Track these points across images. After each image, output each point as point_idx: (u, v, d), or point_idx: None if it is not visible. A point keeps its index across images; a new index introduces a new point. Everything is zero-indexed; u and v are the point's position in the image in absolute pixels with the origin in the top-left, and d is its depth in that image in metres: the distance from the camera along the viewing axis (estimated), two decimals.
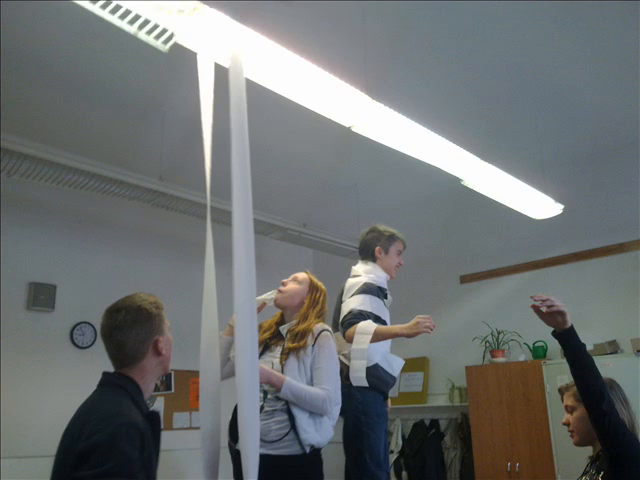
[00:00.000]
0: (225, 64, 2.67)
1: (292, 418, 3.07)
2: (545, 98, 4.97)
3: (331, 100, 3.42)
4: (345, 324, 3.59)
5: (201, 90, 2.43)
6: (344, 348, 3.61)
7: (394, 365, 3.75)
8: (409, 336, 3.41)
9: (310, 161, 2.34)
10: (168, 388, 6.20)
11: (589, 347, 5.00)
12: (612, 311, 5.56)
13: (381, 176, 6.26)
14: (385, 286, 3.89)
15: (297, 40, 3.01)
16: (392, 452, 6.64)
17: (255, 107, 2.57)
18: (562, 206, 5.27)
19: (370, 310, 3.62)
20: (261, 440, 3.00)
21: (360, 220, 6.29)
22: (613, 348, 5.40)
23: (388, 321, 3.75)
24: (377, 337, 3.47)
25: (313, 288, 3.46)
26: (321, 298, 3.44)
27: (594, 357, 2.40)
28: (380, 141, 3.90)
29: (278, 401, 3.09)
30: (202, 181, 2.42)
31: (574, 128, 5.49)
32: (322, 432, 3.15)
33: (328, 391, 3.14)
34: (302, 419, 3.07)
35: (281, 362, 3.22)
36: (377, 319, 3.61)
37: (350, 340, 3.50)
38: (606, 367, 4.64)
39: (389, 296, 3.89)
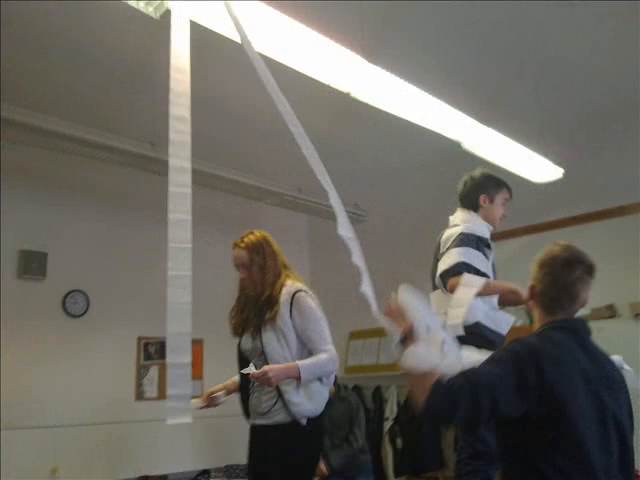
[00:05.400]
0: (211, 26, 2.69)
1: (280, 391, 3.10)
2: (545, 62, 4.88)
3: (328, 65, 3.31)
4: (449, 274, 3.37)
5: (173, 50, 2.46)
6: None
7: (500, 322, 3.45)
8: (518, 299, 3.23)
9: (306, 126, 2.28)
10: (163, 357, 6.15)
11: (587, 311, 4.94)
12: (611, 275, 5.49)
13: (378, 141, 6.17)
14: (487, 236, 3.62)
15: (293, 5, 2.91)
16: (387, 419, 6.65)
17: (250, 73, 2.50)
18: (562, 170, 5.19)
19: (470, 262, 3.38)
20: (255, 412, 3.23)
21: (356, 186, 6.23)
22: (611, 312, 5.37)
23: (490, 273, 3.51)
24: (486, 291, 3.27)
25: (253, 253, 3.28)
26: (266, 256, 3.27)
27: (592, 322, 2.31)
28: (378, 106, 3.80)
29: None
30: (195, 146, 2.39)
31: (574, 92, 5.40)
32: (316, 399, 3.16)
33: (329, 351, 3.15)
34: (290, 393, 3.08)
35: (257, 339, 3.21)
36: (478, 272, 3.37)
37: (453, 290, 3.31)
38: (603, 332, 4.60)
39: (492, 246, 3.64)
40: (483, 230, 3.61)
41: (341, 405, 5.93)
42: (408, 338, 2.00)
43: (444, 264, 3.44)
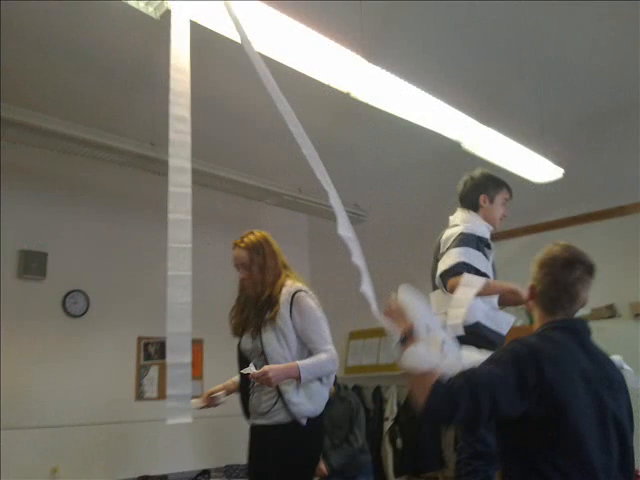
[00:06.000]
0: (212, 26, 2.70)
1: (280, 391, 3.09)
2: (545, 62, 4.87)
3: (328, 65, 3.31)
4: (449, 274, 3.36)
5: (173, 50, 2.46)
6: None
7: (500, 322, 3.44)
8: (518, 299, 3.23)
9: (306, 127, 2.29)
10: (162, 357, 6.14)
11: (587, 311, 4.93)
12: (611, 275, 5.48)
13: (378, 141, 6.16)
14: (487, 236, 3.61)
15: (293, 5, 2.91)
16: (387, 419, 6.64)
17: (250, 73, 2.50)
18: (562, 170, 5.18)
19: (470, 262, 3.38)
20: (255, 412, 3.22)
21: (356, 186, 6.22)
22: (611, 312, 5.36)
23: (490, 273, 3.50)
24: (486, 291, 3.27)
25: (253, 253, 3.27)
26: (266, 256, 3.26)
27: (591, 322, 2.31)
28: (378, 106, 3.80)
29: None
30: (195, 146, 2.39)
31: (574, 92, 5.40)
32: (315, 399, 3.16)
33: (329, 351, 3.14)
34: (290, 393, 3.07)
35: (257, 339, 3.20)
36: (478, 272, 3.36)
37: (453, 290, 3.29)
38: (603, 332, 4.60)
39: (492, 246, 3.63)
40: (483, 230, 3.61)
41: (341, 405, 5.92)
42: (408, 338, 1.99)
43: (444, 264, 3.44)
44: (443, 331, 2.17)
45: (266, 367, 2.96)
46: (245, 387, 3.27)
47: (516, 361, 2.02)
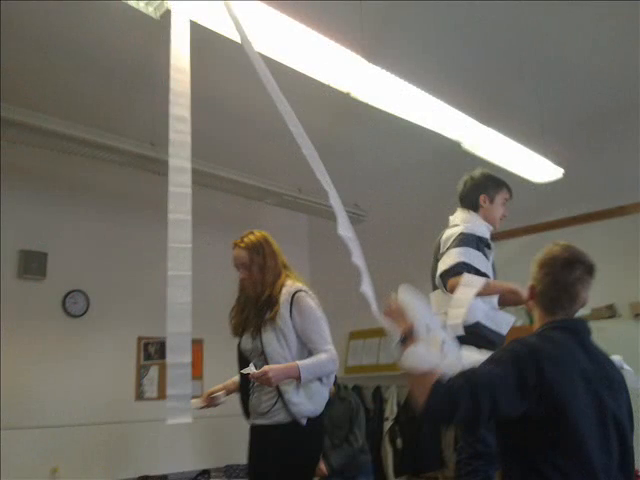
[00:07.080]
0: (209, 25, 2.70)
1: (280, 391, 3.09)
2: (545, 62, 4.88)
3: (328, 66, 3.31)
4: (449, 274, 3.36)
5: (173, 50, 2.46)
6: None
7: (500, 322, 3.43)
8: (518, 299, 3.22)
9: (306, 127, 2.30)
10: (162, 357, 6.13)
11: (587, 311, 4.92)
12: (611, 275, 5.48)
13: (378, 141, 6.16)
14: (487, 236, 3.60)
15: (293, 5, 2.91)
16: (387, 419, 6.64)
17: (250, 73, 2.50)
18: (562, 170, 5.18)
19: (470, 262, 3.37)
20: (255, 412, 3.22)
21: (356, 186, 6.22)
22: (611, 312, 5.36)
23: (490, 273, 3.49)
24: (486, 291, 3.26)
25: (253, 253, 3.27)
26: (266, 256, 3.26)
27: (591, 322, 2.30)
28: (378, 106, 3.80)
29: None
30: (195, 146, 2.39)
31: (574, 92, 5.41)
32: (315, 399, 3.16)
33: (329, 351, 3.14)
34: (290, 393, 3.07)
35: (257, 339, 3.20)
36: (478, 272, 3.36)
37: (453, 290, 3.28)
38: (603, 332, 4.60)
39: (492, 246, 3.63)
40: (483, 230, 3.60)
41: (341, 405, 5.91)
42: (408, 338, 1.99)
43: (444, 264, 3.44)
44: (443, 331, 2.17)
45: (266, 367, 2.96)
46: (245, 387, 3.26)
47: (516, 361, 2.02)
